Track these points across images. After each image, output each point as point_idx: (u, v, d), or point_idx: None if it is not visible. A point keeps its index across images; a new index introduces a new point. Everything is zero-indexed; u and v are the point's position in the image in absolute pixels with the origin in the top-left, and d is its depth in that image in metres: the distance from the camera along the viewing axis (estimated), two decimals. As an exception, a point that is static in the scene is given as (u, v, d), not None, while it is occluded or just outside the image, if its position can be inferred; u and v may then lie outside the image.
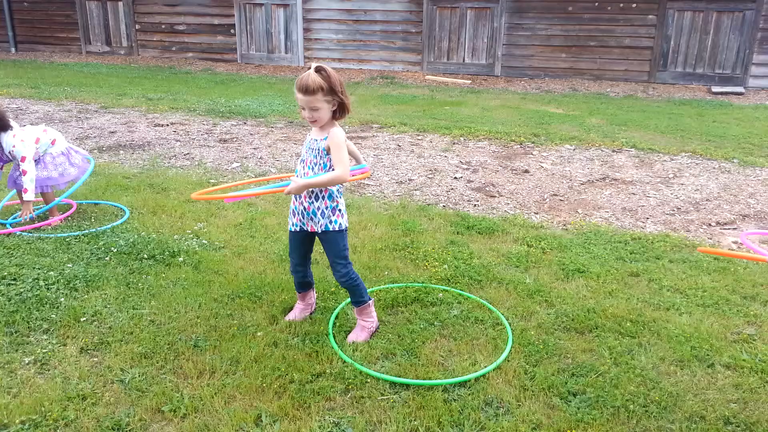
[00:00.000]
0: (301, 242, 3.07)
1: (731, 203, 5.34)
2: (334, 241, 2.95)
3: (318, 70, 2.71)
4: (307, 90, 2.69)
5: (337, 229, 2.93)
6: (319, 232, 2.95)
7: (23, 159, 4.29)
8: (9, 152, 4.30)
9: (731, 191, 5.65)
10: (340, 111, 2.82)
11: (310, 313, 3.28)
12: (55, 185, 4.53)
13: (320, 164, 2.87)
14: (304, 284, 3.20)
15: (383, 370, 2.79)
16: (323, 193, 2.89)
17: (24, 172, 4.30)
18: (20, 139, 4.31)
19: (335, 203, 2.92)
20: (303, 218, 2.96)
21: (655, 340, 3.09)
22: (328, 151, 2.84)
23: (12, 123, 4.36)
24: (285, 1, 13.30)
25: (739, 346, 3.06)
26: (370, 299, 3.10)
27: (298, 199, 2.93)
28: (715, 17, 11.14)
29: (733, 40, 11.15)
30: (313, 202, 2.90)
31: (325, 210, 2.90)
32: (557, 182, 5.88)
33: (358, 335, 3.05)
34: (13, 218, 4.49)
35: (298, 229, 3.00)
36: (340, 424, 2.46)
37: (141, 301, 3.37)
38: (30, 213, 4.33)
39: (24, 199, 4.32)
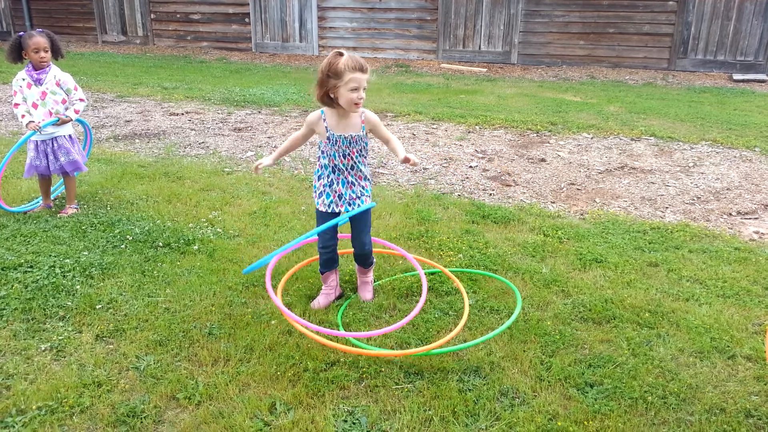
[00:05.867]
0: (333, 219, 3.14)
1: (752, 192, 5.23)
2: (367, 214, 3.19)
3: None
4: (366, 68, 2.84)
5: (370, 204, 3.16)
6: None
7: (76, 88, 4.32)
8: (57, 81, 4.25)
9: (753, 180, 5.54)
10: None
11: (337, 298, 3.30)
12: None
13: (363, 146, 3.08)
14: (330, 261, 3.23)
15: (397, 358, 2.77)
16: (369, 175, 3.17)
17: (81, 100, 4.34)
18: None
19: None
20: (349, 200, 3.09)
21: (674, 331, 3.04)
22: (367, 135, 3.04)
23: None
24: (299, -10, 13.26)
25: (761, 338, 3.00)
26: None
27: (348, 184, 3.08)
28: (738, 3, 10.90)
29: (756, 26, 10.91)
30: (362, 183, 3.10)
31: (369, 189, 3.17)
32: (574, 171, 5.80)
33: (369, 292, 3.32)
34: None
35: (336, 210, 3.12)
36: (354, 412, 2.45)
37: (156, 288, 3.38)
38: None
39: (68, 116, 4.24)
